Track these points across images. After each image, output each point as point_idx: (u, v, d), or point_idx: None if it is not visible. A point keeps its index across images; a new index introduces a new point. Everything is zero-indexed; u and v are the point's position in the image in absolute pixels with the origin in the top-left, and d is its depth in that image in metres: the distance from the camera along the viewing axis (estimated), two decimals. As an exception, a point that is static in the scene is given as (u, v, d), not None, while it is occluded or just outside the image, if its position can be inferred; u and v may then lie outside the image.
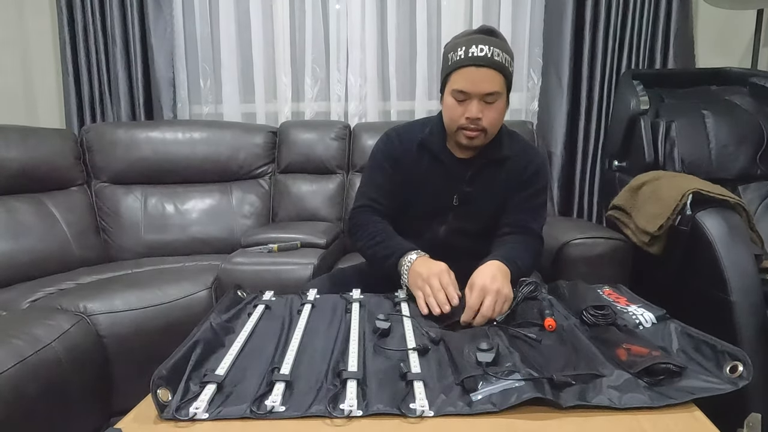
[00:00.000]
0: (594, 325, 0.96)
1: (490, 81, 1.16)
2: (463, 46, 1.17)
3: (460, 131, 1.22)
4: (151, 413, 0.72)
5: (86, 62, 2.38)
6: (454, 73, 1.18)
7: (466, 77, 1.16)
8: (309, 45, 2.40)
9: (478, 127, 1.19)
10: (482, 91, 1.16)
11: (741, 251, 1.28)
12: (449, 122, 1.24)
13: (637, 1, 2.19)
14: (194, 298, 1.61)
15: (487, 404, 0.72)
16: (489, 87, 1.16)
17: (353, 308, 1.07)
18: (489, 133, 1.22)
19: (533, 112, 2.40)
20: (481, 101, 1.17)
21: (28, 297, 1.58)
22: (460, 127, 1.21)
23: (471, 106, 1.17)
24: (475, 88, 1.16)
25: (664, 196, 1.48)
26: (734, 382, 0.74)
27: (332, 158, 2.24)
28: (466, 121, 1.19)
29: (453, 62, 1.19)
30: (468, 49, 1.16)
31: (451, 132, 1.25)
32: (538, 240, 1.31)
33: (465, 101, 1.18)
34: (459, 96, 1.18)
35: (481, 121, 1.18)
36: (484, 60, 1.15)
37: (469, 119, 1.18)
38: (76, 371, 1.31)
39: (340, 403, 0.72)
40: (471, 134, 1.21)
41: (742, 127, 1.84)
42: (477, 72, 1.15)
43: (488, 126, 1.20)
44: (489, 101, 1.18)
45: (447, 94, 1.21)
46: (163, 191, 2.20)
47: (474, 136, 1.21)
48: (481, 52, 1.14)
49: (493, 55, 1.15)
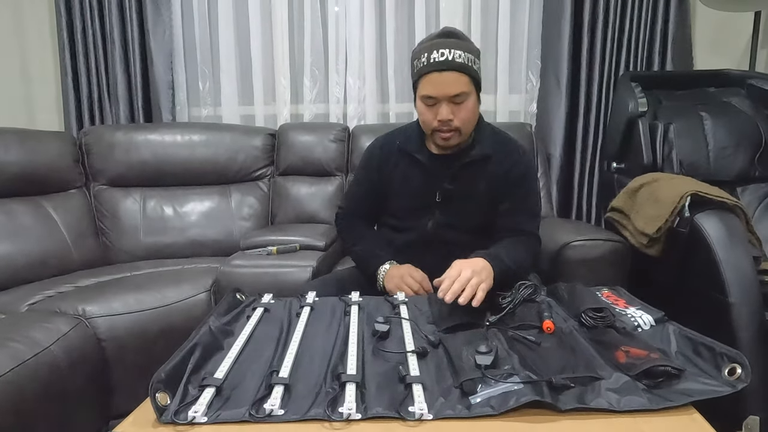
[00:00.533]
0: (593, 327, 0.96)
1: (454, 83, 1.20)
2: (425, 53, 1.21)
3: (435, 134, 1.27)
4: (149, 417, 0.72)
5: (85, 65, 2.38)
6: (421, 80, 1.23)
7: (431, 82, 1.21)
8: (308, 47, 2.41)
9: (451, 128, 1.24)
10: (448, 93, 1.20)
11: (739, 253, 1.28)
12: (424, 126, 1.30)
13: (635, 4, 2.19)
14: (193, 300, 1.61)
15: (486, 407, 0.72)
16: (454, 89, 1.20)
17: (352, 311, 1.07)
18: (463, 131, 1.27)
19: (532, 114, 2.41)
20: (450, 103, 1.22)
21: (27, 300, 1.58)
22: (434, 129, 1.26)
23: (441, 109, 1.22)
24: (440, 91, 1.21)
25: (662, 198, 1.48)
26: (732, 385, 0.75)
27: (331, 160, 2.24)
28: (439, 123, 1.24)
29: (418, 69, 1.24)
30: (429, 55, 1.20)
31: (427, 134, 1.32)
32: (533, 238, 1.35)
33: (434, 105, 1.23)
34: (428, 101, 1.23)
35: (453, 121, 1.23)
36: (446, 64, 1.19)
37: (441, 122, 1.23)
38: (74, 374, 1.31)
39: (338, 406, 0.72)
40: (445, 135, 1.26)
41: (740, 128, 1.84)
42: (440, 76, 1.20)
43: (461, 125, 1.24)
44: (457, 102, 1.22)
45: (418, 101, 1.27)
46: (161, 194, 2.20)
47: (448, 137, 1.26)
48: (441, 56, 1.19)
49: (454, 57, 1.19)
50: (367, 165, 1.44)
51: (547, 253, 1.69)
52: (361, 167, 1.48)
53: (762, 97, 1.90)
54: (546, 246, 1.71)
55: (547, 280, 1.59)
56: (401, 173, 1.36)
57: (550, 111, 2.29)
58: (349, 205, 1.51)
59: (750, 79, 1.96)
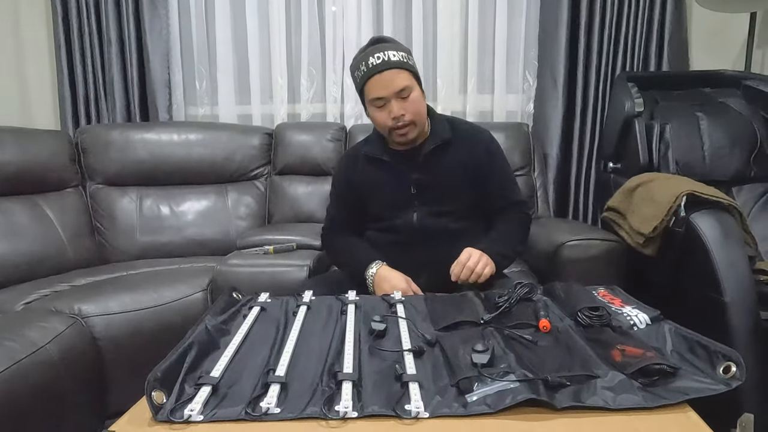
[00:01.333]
0: (589, 326, 0.97)
1: (397, 79, 1.28)
2: (363, 62, 1.30)
3: (393, 132, 1.33)
4: (145, 415, 0.72)
5: (81, 63, 2.38)
6: (365, 86, 1.31)
7: (376, 84, 1.29)
8: (305, 46, 2.40)
9: (406, 122, 1.31)
10: (394, 89, 1.28)
11: (734, 252, 1.29)
12: (381, 129, 1.37)
13: (631, 4, 2.20)
14: (189, 300, 1.61)
15: (482, 405, 0.72)
16: (398, 84, 1.28)
17: (349, 310, 1.07)
18: (418, 123, 1.33)
19: (529, 114, 2.41)
20: (398, 99, 1.29)
21: (23, 299, 1.57)
22: (391, 129, 1.32)
23: (391, 107, 1.29)
24: (386, 90, 1.28)
25: (658, 198, 1.49)
26: (727, 383, 0.75)
27: (328, 160, 2.24)
28: (393, 121, 1.30)
29: (360, 78, 1.32)
30: (367, 62, 1.29)
31: (388, 137, 1.38)
32: (526, 209, 1.48)
33: (384, 106, 1.30)
34: (378, 103, 1.30)
35: (405, 116, 1.30)
36: (384, 64, 1.27)
37: (395, 118, 1.30)
38: (70, 373, 1.30)
39: (335, 404, 0.72)
40: (402, 131, 1.32)
41: (735, 129, 1.85)
42: (382, 76, 1.28)
43: (414, 117, 1.31)
44: (404, 96, 1.29)
45: (369, 107, 1.35)
46: (158, 193, 2.20)
47: (406, 131, 1.32)
48: (378, 59, 1.28)
49: (389, 57, 1.28)
50: (337, 180, 1.53)
51: (543, 252, 1.70)
52: (332, 185, 1.56)
53: (757, 98, 1.91)
54: (542, 245, 1.72)
55: (543, 280, 1.60)
56: (371, 177, 1.42)
57: (547, 111, 2.30)
58: (329, 223, 1.54)
59: (746, 79, 1.97)
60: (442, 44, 2.36)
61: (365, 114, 1.41)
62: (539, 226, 1.88)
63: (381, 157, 1.40)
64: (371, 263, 1.34)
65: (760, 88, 1.91)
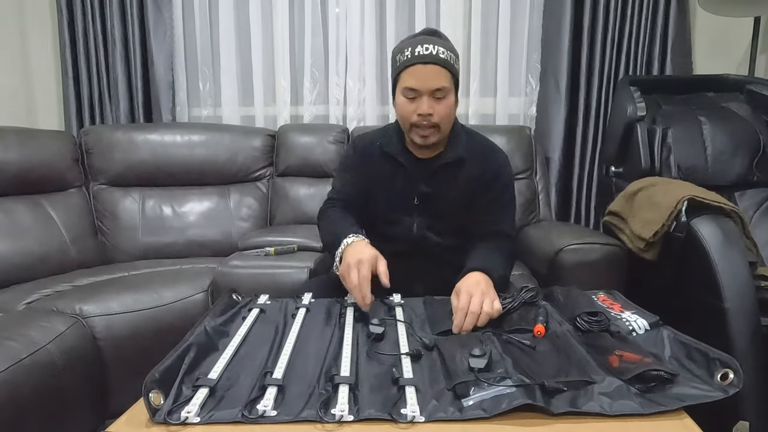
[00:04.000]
0: (587, 331, 0.97)
1: (437, 77, 1.20)
2: (409, 47, 1.21)
3: (414, 129, 1.25)
4: (143, 417, 0.72)
5: (86, 64, 2.39)
6: (403, 73, 1.22)
7: (414, 75, 1.20)
8: (308, 49, 2.41)
9: (430, 123, 1.23)
10: (430, 86, 1.20)
11: (735, 258, 1.28)
12: (402, 121, 1.27)
13: (634, 8, 2.20)
14: (190, 300, 1.62)
15: (479, 410, 0.73)
16: (437, 82, 1.20)
17: (347, 312, 1.08)
18: (442, 129, 1.25)
19: (531, 117, 2.41)
20: (431, 97, 1.21)
21: (25, 299, 1.58)
22: (413, 124, 1.24)
23: (421, 103, 1.21)
24: (423, 84, 1.20)
25: (659, 203, 1.49)
26: (725, 390, 0.75)
27: (330, 162, 2.24)
28: (418, 117, 1.22)
29: (401, 63, 1.23)
30: (414, 49, 1.20)
31: (405, 131, 1.29)
32: (510, 241, 1.33)
33: (415, 99, 1.22)
34: (409, 93, 1.22)
35: (433, 116, 1.22)
36: (430, 57, 1.19)
37: (421, 116, 1.22)
38: (71, 373, 1.31)
39: (331, 408, 0.72)
40: (424, 132, 1.24)
41: (738, 134, 1.84)
42: (424, 69, 1.19)
43: (440, 121, 1.23)
44: (438, 96, 1.21)
45: (398, 94, 1.26)
46: (161, 194, 2.21)
47: (428, 134, 1.24)
48: (426, 50, 1.19)
49: (438, 53, 1.20)
50: (350, 160, 1.42)
51: (544, 256, 1.70)
52: (343, 163, 1.47)
53: (761, 103, 1.90)
54: (543, 249, 1.72)
55: (544, 284, 1.60)
56: (381, 174, 1.35)
57: (549, 114, 2.30)
58: (330, 196, 1.42)
59: (749, 84, 1.96)
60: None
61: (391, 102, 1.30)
62: (540, 230, 1.88)
63: (396, 157, 1.33)
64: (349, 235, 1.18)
65: (763, 92, 1.90)
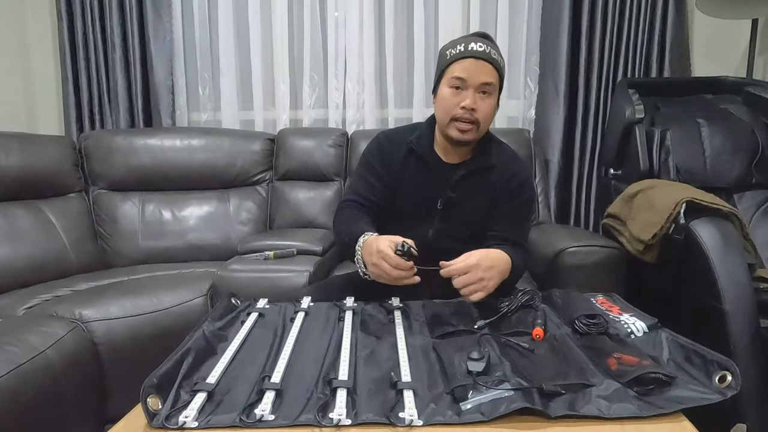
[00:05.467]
0: (586, 334, 0.97)
1: (488, 73, 1.20)
2: (462, 43, 1.22)
3: (453, 123, 1.22)
4: (141, 422, 0.72)
5: (86, 69, 2.40)
6: (453, 65, 1.21)
7: (465, 66, 1.20)
8: (307, 53, 2.42)
9: (472, 119, 1.21)
10: (479, 80, 1.19)
11: (734, 260, 1.28)
12: (443, 113, 1.24)
13: (633, 10, 2.20)
14: (190, 305, 1.61)
15: (477, 413, 0.73)
16: (486, 77, 1.20)
17: (346, 316, 1.08)
18: (481, 127, 1.24)
19: (530, 119, 2.41)
20: (477, 92, 1.20)
21: (24, 304, 1.58)
22: (453, 117, 1.22)
23: (467, 96, 1.20)
24: (473, 77, 1.19)
25: (658, 205, 1.49)
26: (723, 392, 0.75)
27: (330, 165, 2.25)
28: (461, 111, 1.20)
29: (452, 56, 1.22)
30: (467, 45, 1.20)
31: (443, 125, 1.25)
32: (524, 250, 1.32)
33: (461, 91, 1.20)
34: (456, 83, 1.20)
35: (476, 112, 1.21)
36: (483, 54, 1.20)
37: (465, 108, 1.20)
38: (70, 378, 1.31)
39: (329, 412, 0.72)
40: (464, 126, 1.22)
41: (737, 135, 1.84)
42: (476, 63, 1.19)
43: (481, 118, 1.22)
44: (484, 91, 1.21)
45: (443, 86, 1.23)
46: (160, 198, 2.21)
47: (467, 128, 1.22)
48: (480, 48, 1.20)
49: (491, 52, 1.21)
50: (373, 158, 1.35)
51: (543, 258, 1.70)
52: (364, 163, 1.37)
53: (759, 105, 1.90)
54: (542, 252, 1.71)
55: (543, 286, 1.60)
56: (406, 174, 1.31)
57: (548, 117, 2.30)
58: (353, 192, 1.35)
59: (747, 86, 1.97)
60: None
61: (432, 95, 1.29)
62: (540, 232, 1.88)
63: (425, 158, 1.31)
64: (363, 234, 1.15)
65: (761, 94, 1.91)
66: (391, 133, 1.39)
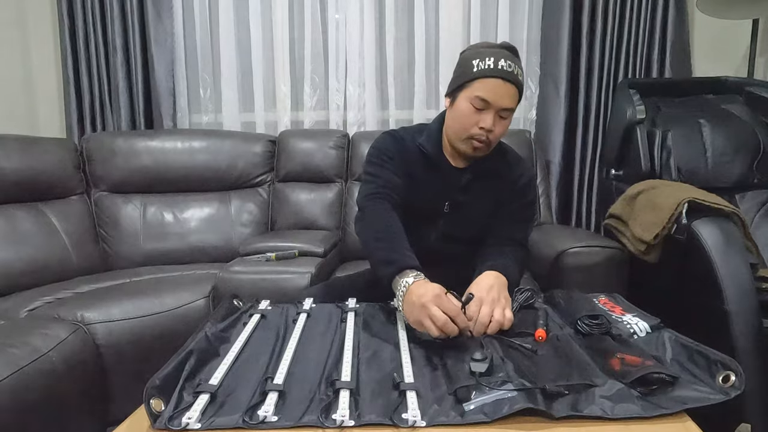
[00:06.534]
0: (588, 334, 0.97)
1: (511, 97, 1.18)
2: (492, 57, 1.16)
3: (468, 141, 1.21)
4: (144, 423, 0.72)
5: (87, 72, 2.40)
6: (479, 81, 1.17)
7: (492, 88, 1.16)
8: (308, 54, 2.42)
9: (486, 140, 1.20)
10: (503, 105, 1.17)
11: (736, 260, 1.28)
12: (460, 129, 1.21)
13: (633, 11, 2.21)
14: (192, 306, 1.62)
15: (480, 414, 0.72)
16: (509, 102, 1.18)
17: (348, 317, 1.08)
18: (492, 147, 1.24)
19: (531, 120, 2.42)
20: (497, 115, 1.18)
21: (26, 306, 1.58)
22: (470, 136, 1.20)
23: (487, 117, 1.17)
24: (498, 100, 1.16)
25: (659, 205, 1.49)
26: (726, 392, 0.74)
27: (331, 167, 2.25)
28: (479, 131, 1.18)
29: (480, 70, 1.17)
30: (497, 61, 1.16)
31: (457, 138, 1.24)
32: (524, 249, 1.32)
33: (482, 111, 1.18)
34: (478, 104, 1.17)
35: (491, 134, 1.19)
36: (511, 76, 1.16)
37: (483, 129, 1.18)
38: (72, 380, 1.31)
39: (332, 413, 0.72)
40: (478, 145, 1.21)
41: (738, 135, 1.84)
42: (503, 86, 1.16)
43: (494, 140, 1.22)
44: (503, 116, 1.19)
45: (463, 100, 1.20)
46: (162, 200, 2.21)
47: (481, 146, 1.21)
48: (509, 67, 1.16)
49: (518, 74, 1.18)
50: (386, 152, 1.29)
51: (545, 259, 1.70)
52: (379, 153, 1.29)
53: (760, 104, 1.90)
54: (544, 252, 1.72)
55: (545, 287, 1.60)
56: (416, 174, 1.28)
57: (549, 118, 2.30)
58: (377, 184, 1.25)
59: (748, 86, 1.97)
60: (444, 51, 2.37)
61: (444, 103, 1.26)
62: (541, 233, 1.88)
63: (435, 161, 1.29)
64: (408, 269, 1.05)
65: (762, 94, 1.91)
66: (400, 131, 1.36)
